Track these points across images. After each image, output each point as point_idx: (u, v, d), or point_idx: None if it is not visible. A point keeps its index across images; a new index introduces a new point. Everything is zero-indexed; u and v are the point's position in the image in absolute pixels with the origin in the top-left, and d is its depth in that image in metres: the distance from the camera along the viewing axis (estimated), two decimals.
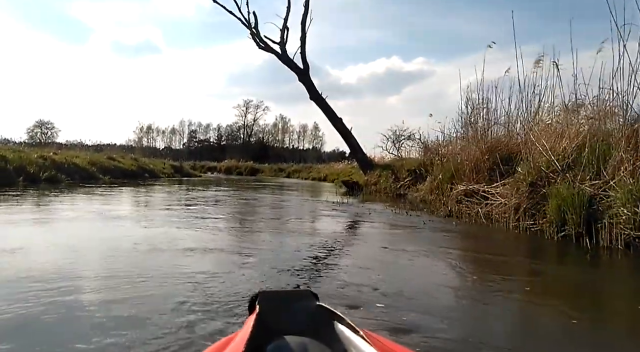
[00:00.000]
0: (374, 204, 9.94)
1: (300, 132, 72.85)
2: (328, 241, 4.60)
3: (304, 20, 17.93)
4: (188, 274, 2.87)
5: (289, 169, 39.04)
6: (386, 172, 15.98)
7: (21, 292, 2.32)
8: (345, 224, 6.26)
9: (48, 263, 3.09)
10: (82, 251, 3.65)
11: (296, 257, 3.63)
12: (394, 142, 30.45)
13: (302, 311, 0.84)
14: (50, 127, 55.05)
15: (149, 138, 67.53)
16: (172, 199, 10.78)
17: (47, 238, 4.25)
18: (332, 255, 3.93)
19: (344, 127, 18.31)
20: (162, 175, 22.57)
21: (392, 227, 5.84)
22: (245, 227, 5.88)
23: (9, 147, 14.85)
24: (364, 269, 3.35)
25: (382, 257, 3.88)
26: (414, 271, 3.44)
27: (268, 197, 12.80)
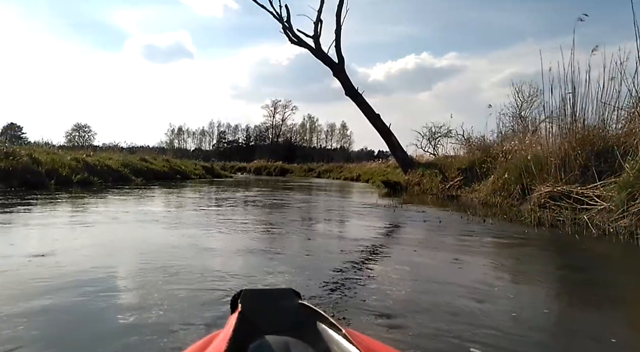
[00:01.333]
0: (427, 207, 8.94)
1: (328, 131, 72.11)
2: (417, 269, 3.36)
3: (339, 11, 17.02)
4: (225, 278, 2.69)
5: (319, 168, 38.23)
6: (430, 171, 14.94)
7: (71, 297, 2.27)
8: (418, 235, 5.27)
9: (88, 265, 3.00)
10: (122, 253, 3.58)
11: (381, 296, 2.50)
12: (429, 140, 29.28)
13: (285, 309, 0.81)
14: (87, 130, 56.01)
15: (180, 140, 68.09)
16: (206, 200, 10.07)
17: (84, 240, 4.06)
18: (429, 290, 2.95)
19: (382, 124, 17.33)
20: (194, 176, 22.06)
21: (492, 243, 4.68)
22: (290, 234, 5.10)
23: (43, 150, 14.44)
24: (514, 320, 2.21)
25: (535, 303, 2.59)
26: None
27: (305, 198, 11.96)
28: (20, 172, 10.22)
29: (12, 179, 9.74)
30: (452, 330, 1.96)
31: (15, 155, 10.85)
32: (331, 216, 7.52)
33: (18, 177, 10.02)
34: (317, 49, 17.44)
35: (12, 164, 10.18)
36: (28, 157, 11.36)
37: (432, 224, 5.99)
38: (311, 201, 11.64)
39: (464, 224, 5.83)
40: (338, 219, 6.93)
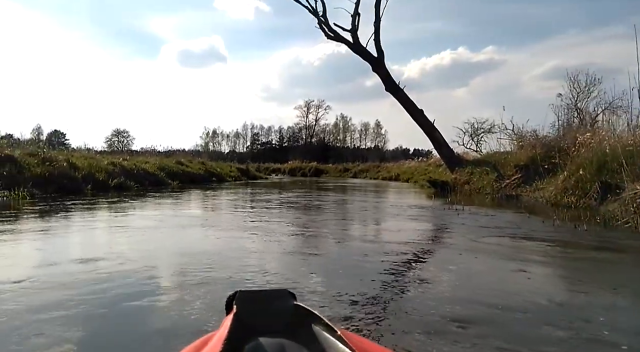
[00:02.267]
0: (492, 210, 8.09)
1: (362, 130, 71.15)
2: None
3: (378, 2, 16.23)
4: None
5: (354, 168, 37.47)
6: (480, 169, 13.99)
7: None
8: (507, 245, 4.46)
9: (132, 269, 3.03)
10: (163, 257, 3.63)
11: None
12: (471, 136, 27.99)
13: (280, 310, 0.80)
14: (126, 135, 57.08)
15: (214, 142, 68.64)
16: (244, 203, 9.54)
17: (126, 245, 4.03)
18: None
19: (425, 120, 16.43)
20: (229, 178, 21.75)
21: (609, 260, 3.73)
22: (342, 238, 4.67)
23: (81, 154, 14.34)
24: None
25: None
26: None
27: (347, 200, 11.28)
28: (57, 177, 9.98)
29: (48, 185, 9.48)
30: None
31: (53, 161, 10.65)
32: (382, 219, 6.84)
33: (55, 182, 9.77)
34: (355, 43, 16.73)
35: (48, 169, 9.95)
36: (66, 162, 11.16)
37: (513, 230, 5.18)
38: (354, 202, 10.95)
39: (553, 231, 4.98)
40: (392, 223, 6.21)
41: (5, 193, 8.11)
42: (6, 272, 2.89)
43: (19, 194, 8.13)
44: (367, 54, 16.70)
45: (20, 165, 9.54)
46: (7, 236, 4.46)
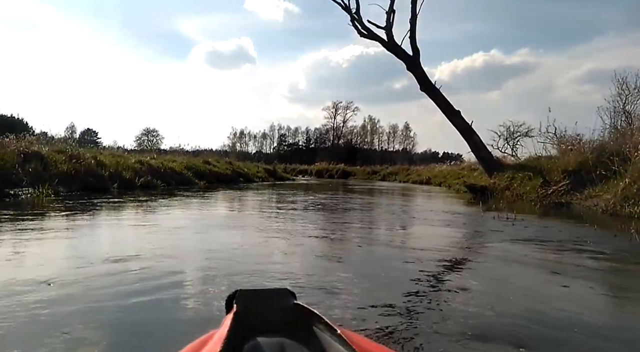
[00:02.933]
0: (541, 219, 7.43)
1: (390, 133, 70.15)
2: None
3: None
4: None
5: (383, 171, 36.78)
6: (522, 174, 13.22)
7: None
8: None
9: (161, 269, 3.02)
10: (192, 256, 3.61)
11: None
12: (507, 140, 26.95)
13: (280, 309, 0.80)
14: (156, 134, 57.66)
15: (241, 143, 68.79)
16: (272, 204, 9.13)
17: (154, 245, 4.00)
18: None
19: (463, 121, 15.72)
20: (256, 179, 21.46)
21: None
22: (378, 245, 4.40)
23: (110, 152, 14.25)
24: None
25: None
26: None
27: (379, 203, 10.76)
28: (83, 175, 9.78)
29: (74, 183, 9.28)
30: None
31: (80, 158, 10.47)
32: (421, 226, 6.31)
33: (81, 180, 9.57)
34: (390, 41, 16.15)
35: (75, 167, 9.76)
36: (93, 159, 10.98)
37: (582, 246, 4.55)
38: (387, 206, 10.41)
39: (632, 248, 4.32)
40: (432, 230, 5.67)
41: (29, 190, 7.90)
42: (37, 271, 2.84)
43: (43, 191, 7.91)
44: (402, 53, 16.10)
45: (47, 162, 9.37)
46: (34, 235, 4.29)
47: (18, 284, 2.53)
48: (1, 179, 7.67)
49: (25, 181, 8.14)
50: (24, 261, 3.24)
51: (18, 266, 3.07)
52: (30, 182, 8.14)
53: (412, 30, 15.81)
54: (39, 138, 12.82)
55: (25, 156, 8.95)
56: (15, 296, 2.29)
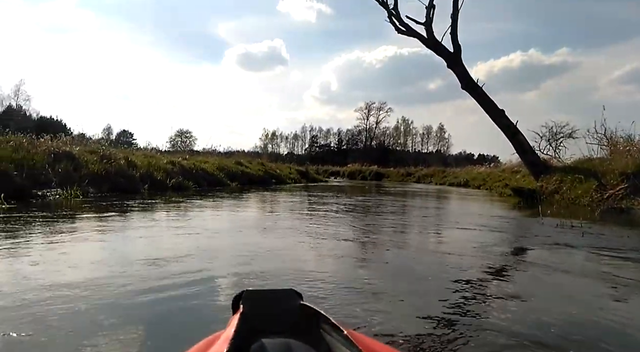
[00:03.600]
0: (606, 226, 6.63)
1: (423, 134, 68.81)
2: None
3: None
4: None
5: (418, 173, 35.77)
6: (572, 177, 12.26)
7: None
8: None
9: (194, 270, 3.00)
10: (224, 259, 3.53)
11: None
12: (549, 141, 25.62)
13: (287, 310, 0.81)
14: (189, 136, 58.28)
15: (273, 144, 68.85)
16: (306, 207, 8.60)
17: (187, 246, 3.97)
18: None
19: (507, 121, 14.81)
20: (289, 180, 21.05)
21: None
22: (428, 259, 3.95)
23: (142, 153, 14.10)
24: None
25: None
26: None
27: (420, 207, 10.09)
28: (113, 175, 9.53)
29: (104, 183, 9.02)
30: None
31: (112, 158, 10.25)
32: (465, 231, 5.75)
33: (111, 181, 9.31)
34: (430, 37, 15.41)
35: (105, 167, 9.52)
36: (124, 160, 10.76)
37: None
38: (427, 210, 9.76)
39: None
40: (484, 238, 4.99)
41: (58, 191, 7.66)
42: (72, 274, 2.82)
43: (72, 192, 7.65)
44: (443, 49, 15.33)
45: (78, 163, 9.15)
46: (62, 237, 4.12)
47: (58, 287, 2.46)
48: (30, 179, 7.44)
49: (55, 182, 7.90)
50: (57, 264, 3.08)
51: (54, 269, 2.94)
52: (59, 182, 7.90)
53: (453, 26, 15.03)
54: (73, 139, 12.78)
55: (56, 156, 8.75)
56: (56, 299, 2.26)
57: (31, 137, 9.59)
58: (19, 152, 7.98)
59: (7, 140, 8.32)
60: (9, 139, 8.49)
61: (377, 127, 67.08)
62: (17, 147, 8.20)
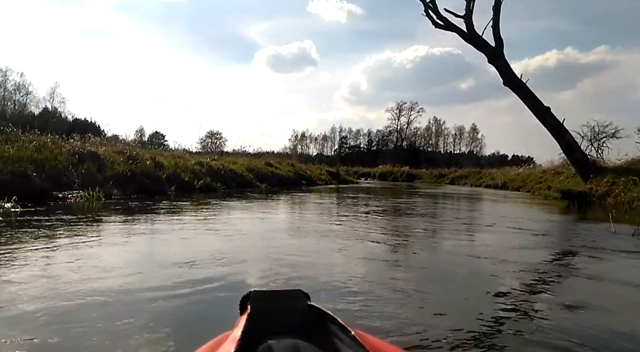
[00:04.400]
0: None
1: (456, 134, 67.07)
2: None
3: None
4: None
5: (451, 174, 34.55)
6: (625, 178, 11.24)
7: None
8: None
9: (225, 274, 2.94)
10: (254, 263, 3.42)
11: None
12: (591, 141, 24.22)
13: (294, 311, 0.81)
14: (219, 137, 58.55)
15: (302, 145, 68.48)
16: (339, 210, 7.93)
17: (218, 249, 3.77)
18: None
19: (553, 119, 13.77)
20: (319, 182, 20.45)
21: None
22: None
23: (170, 154, 13.76)
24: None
25: None
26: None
27: (462, 210, 9.28)
28: (139, 176, 9.12)
29: (128, 185, 8.60)
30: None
31: (138, 159, 9.86)
32: (513, 236, 5.12)
33: (136, 182, 8.89)
34: (469, 30, 14.50)
35: (130, 168, 9.11)
36: (151, 160, 10.37)
37: None
38: (470, 213, 8.99)
39: None
40: (533, 243, 4.25)
41: (80, 193, 7.26)
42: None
43: (94, 194, 7.23)
44: (483, 43, 14.41)
45: (103, 163, 8.77)
46: (71, 244, 3.75)
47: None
48: (50, 180, 7.06)
49: (77, 183, 7.51)
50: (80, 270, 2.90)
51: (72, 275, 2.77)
52: (81, 184, 7.50)
53: (495, 18, 14.09)
54: (102, 140, 12.51)
55: (80, 157, 8.38)
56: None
57: (61, 137, 9.31)
58: (41, 153, 7.64)
59: (31, 140, 8.00)
60: (32, 138, 8.17)
61: (408, 128, 65.78)
62: (40, 147, 7.86)
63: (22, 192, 6.05)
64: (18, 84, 40.47)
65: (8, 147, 7.19)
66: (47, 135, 8.93)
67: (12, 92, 40.41)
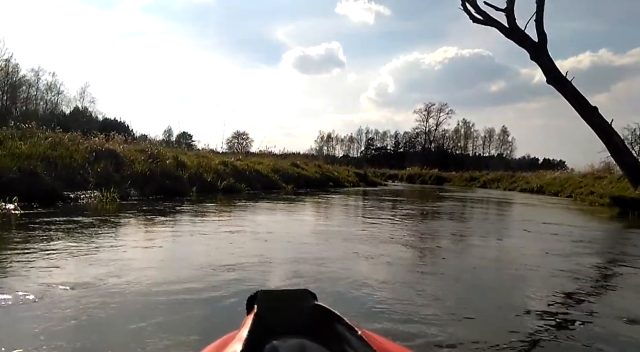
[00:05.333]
0: None
1: (485, 137, 65.13)
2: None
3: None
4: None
5: (483, 177, 33.16)
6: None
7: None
8: None
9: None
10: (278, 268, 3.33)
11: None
12: (631, 144, 23.00)
13: (301, 310, 0.79)
14: (245, 137, 58.40)
15: (328, 146, 67.71)
16: (374, 217, 7.14)
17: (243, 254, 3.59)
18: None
19: (601, 119, 12.63)
20: (347, 183, 19.64)
21: None
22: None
23: (194, 153, 13.23)
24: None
25: None
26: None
27: (504, 215, 8.34)
28: (159, 176, 8.54)
29: (147, 185, 8.03)
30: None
31: (160, 158, 9.31)
32: (566, 245, 4.40)
33: (155, 182, 8.31)
34: (511, 25, 13.48)
35: (150, 167, 8.53)
36: (172, 159, 9.82)
37: None
38: (513, 220, 8.06)
39: None
40: None
41: (94, 193, 6.70)
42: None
43: (108, 195, 6.67)
44: (526, 38, 13.37)
45: (120, 162, 8.23)
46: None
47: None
48: (63, 179, 6.52)
49: (92, 183, 6.97)
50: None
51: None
52: (96, 183, 6.95)
53: (538, 12, 13.05)
54: (126, 138, 12.06)
55: (98, 155, 7.86)
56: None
57: (84, 135, 8.87)
58: (56, 150, 7.13)
59: (46, 137, 7.50)
60: (48, 135, 7.67)
61: (437, 130, 64.23)
62: (56, 145, 7.36)
63: (29, 191, 5.53)
64: (50, 83, 41.04)
65: (20, 144, 6.69)
66: (69, 133, 8.46)
67: (44, 91, 41.04)
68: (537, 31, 13.20)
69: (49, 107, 40.01)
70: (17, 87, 37.12)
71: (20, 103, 37.40)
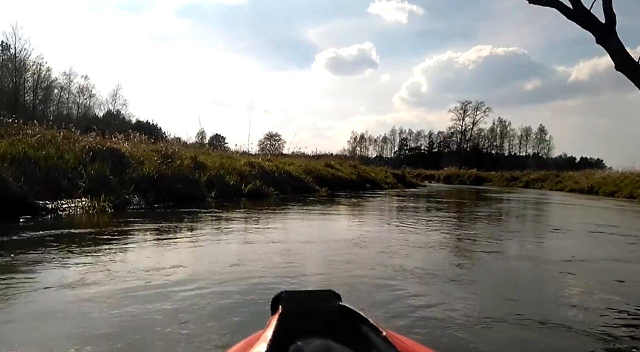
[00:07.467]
0: None
1: (522, 136, 61.57)
2: None
3: None
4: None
5: (525, 177, 30.62)
6: None
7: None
8: None
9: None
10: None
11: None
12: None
13: (325, 311, 0.76)
14: (277, 139, 57.23)
15: (361, 147, 65.70)
16: (430, 228, 5.37)
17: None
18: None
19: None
20: (385, 185, 17.79)
21: None
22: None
23: (218, 153, 11.76)
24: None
25: None
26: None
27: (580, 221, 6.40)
28: (169, 180, 7.04)
29: (151, 191, 6.52)
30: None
31: (174, 158, 7.85)
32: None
33: (164, 187, 6.81)
34: (575, 4, 11.33)
35: (158, 169, 7.04)
36: (190, 160, 8.34)
37: None
38: (598, 227, 6.06)
39: None
40: None
41: (81, 202, 5.24)
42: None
43: (97, 203, 5.19)
44: (591, 20, 11.15)
45: (124, 163, 6.78)
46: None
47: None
48: (42, 184, 5.07)
49: (82, 188, 5.51)
50: None
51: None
52: (87, 189, 5.49)
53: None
54: (150, 138, 10.72)
55: (96, 154, 6.42)
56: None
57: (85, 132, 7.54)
58: (43, 149, 5.73)
59: (33, 134, 6.12)
60: (35, 132, 6.30)
61: (473, 129, 61.20)
62: (45, 142, 5.97)
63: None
64: (82, 86, 40.83)
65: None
66: (62, 130, 7.10)
67: (76, 94, 40.82)
68: (604, 12, 10.97)
69: (81, 110, 39.80)
70: (51, 90, 36.87)
71: (53, 106, 37.14)
